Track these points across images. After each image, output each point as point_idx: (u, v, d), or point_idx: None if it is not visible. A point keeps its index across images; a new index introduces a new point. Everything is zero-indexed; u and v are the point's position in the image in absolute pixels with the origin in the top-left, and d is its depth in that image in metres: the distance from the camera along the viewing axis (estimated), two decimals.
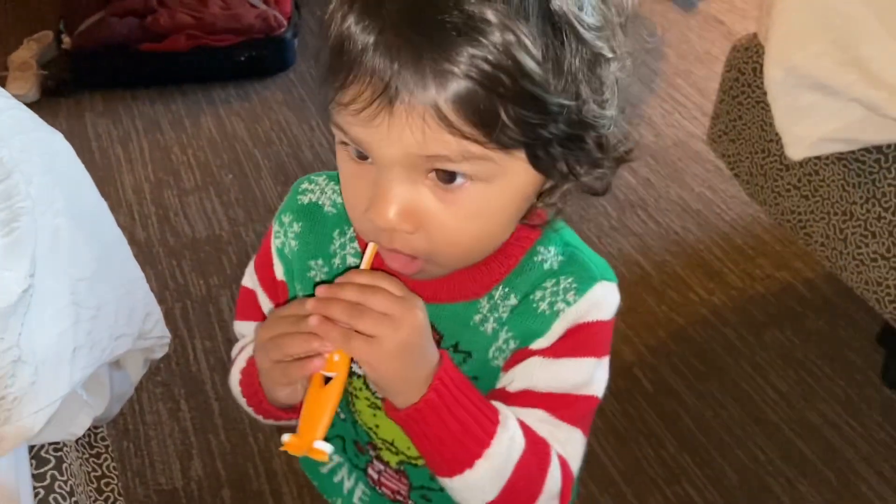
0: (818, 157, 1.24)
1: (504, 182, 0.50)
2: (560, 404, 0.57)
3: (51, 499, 0.78)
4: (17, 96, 0.91)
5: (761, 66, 1.20)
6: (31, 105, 0.95)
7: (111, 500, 0.91)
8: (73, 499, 0.80)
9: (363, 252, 0.58)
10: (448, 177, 0.49)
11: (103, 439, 0.96)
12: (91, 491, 0.90)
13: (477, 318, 0.58)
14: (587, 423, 0.59)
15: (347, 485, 0.72)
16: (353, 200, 0.53)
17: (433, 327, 0.56)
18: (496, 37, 0.45)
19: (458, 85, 0.45)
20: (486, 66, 0.45)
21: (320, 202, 0.63)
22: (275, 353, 0.53)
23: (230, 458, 1.29)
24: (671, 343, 1.45)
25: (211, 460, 1.29)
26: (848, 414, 1.33)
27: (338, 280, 0.53)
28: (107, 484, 0.91)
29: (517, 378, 0.57)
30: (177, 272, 1.64)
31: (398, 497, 0.68)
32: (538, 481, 0.55)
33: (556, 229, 0.58)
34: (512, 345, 0.57)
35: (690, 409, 1.34)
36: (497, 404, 0.55)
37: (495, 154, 0.48)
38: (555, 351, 0.56)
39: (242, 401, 0.63)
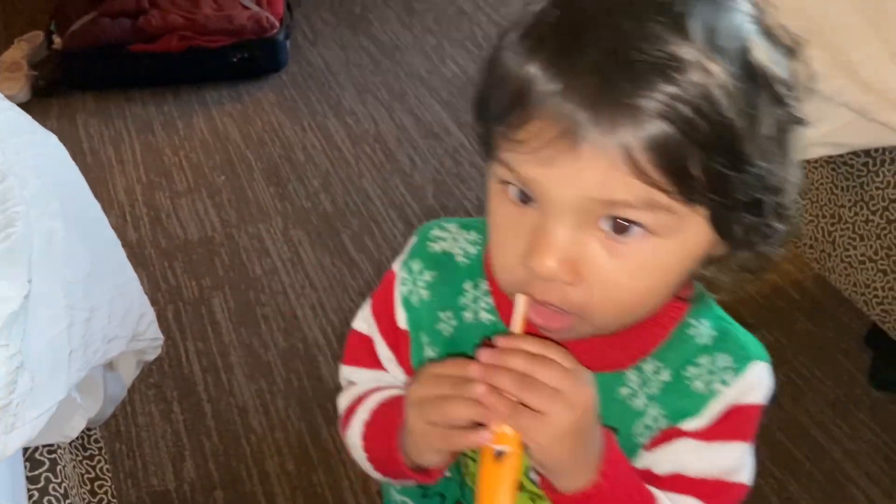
0: (807, 161, 1.25)
1: (679, 239, 0.46)
2: (712, 492, 0.54)
3: (45, 501, 0.78)
4: (7, 97, 0.91)
5: None
6: (21, 105, 0.95)
7: (104, 501, 0.92)
8: (68, 501, 0.80)
9: (497, 308, 0.55)
10: (623, 227, 0.46)
11: (97, 441, 0.96)
12: (85, 493, 0.90)
13: (624, 391, 0.54)
14: None
15: None
16: (505, 247, 0.49)
17: None
18: (694, 76, 0.43)
19: (653, 126, 0.43)
20: (683, 107, 0.43)
21: (453, 251, 0.59)
22: (434, 415, 0.50)
23: (223, 460, 1.30)
24: None
25: (203, 462, 1.29)
26: (836, 415, 1.34)
27: (502, 343, 0.49)
28: (100, 486, 0.91)
29: (666, 460, 0.54)
30: (169, 274, 1.64)
31: None
32: None
33: (708, 304, 0.54)
34: (661, 423, 0.54)
35: None
36: (653, 490, 0.53)
37: (679, 207, 0.45)
38: (708, 434, 0.53)
39: (362, 456, 0.60)
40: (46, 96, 2.11)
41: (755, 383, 0.54)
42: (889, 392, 1.36)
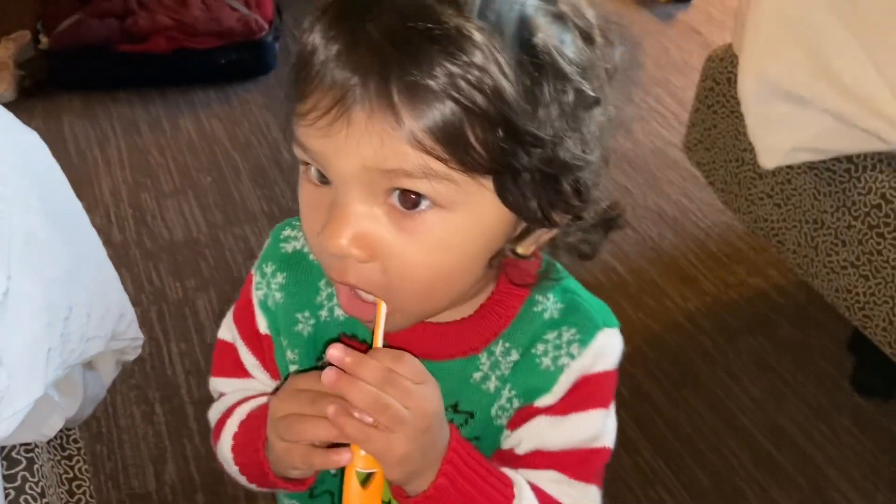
0: (790, 167, 1.26)
1: (468, 212, 0.47)
2: (572, 462, 0.55)
3: (21, 500, 0.77)
4: None
5: (736, 76, 1.22)
6: (7, 105, 0.94)
7: (83, 502, 0.91)
8: (45, 500, 0.79)
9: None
10: (409, 201, 0.46)
11: (75, 441, 0.95)
12: (62, 493, 0.89)
13: (477, 375, 0.55)
14: (601, 476, 0.57)
15: None
16: (310, 227, 0.49)
17: None
18: (477, 57, 0.43)
19: (421, 93, 0.43)
20: (460, 82, 0.43)
21: (305, 250, 0.59)
22: (290, 434, 0.49)
23: (204, 463, 1.29)
24: (647, 349, 1.46)
25: (185, 464, 1.28)
26: (819, 419, 1.35)
27: (352, 359, 0.47)
28: (78, 486, 0.90)
29: (525, 438, 0.55)
30: (153, 275, 1.63)
31: None
32: None
33: (556, 278, 0.55)
34: (515, 403, 0.55)
35: (665, 415, 1.35)
36: (509, 472, 0.54)
37: (459, 176, 0.45)
38: (562, 408, 0.54)
39: (234, 468, 0.60)
40: (32, 96, 2.10)
41: (603, 351, 0.54)
42: (871, 397, 1.37)
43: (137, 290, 1.59)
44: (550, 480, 0.55)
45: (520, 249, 0.51)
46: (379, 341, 0.49)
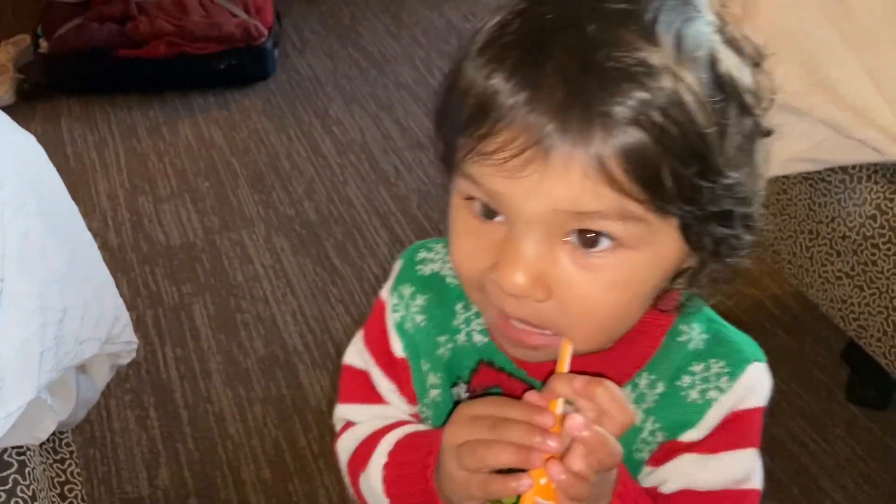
0: (786, 177, 1.26)
1: (651, 251, 0.46)
2: (724, 503, 0.53)
3: (12, 503, 0.77)
4: None
5: None
6: (6, 108, 0.95)
7: None
8: (36, 503, 0.79)
9: (489, 328, 0.53)
10: (592, 240, 0.44)
11: (68, 445, 0.95)
12: (54, 496, 0.89)
13: None
14: None
15: None
16: (470, 262, 0.47)
17: None
18: (665, 82, 0.42)
19: (624, 133, 0.42)
20: (655, 113, 0.42)
21: (442, 272, 0.58)
22: (471, 461, 0.47)
23: (198, 467, 1.28)
24: None
25: (178, 469, 1.28)
26: (813, 429, 1.35)
27: (548, 386, 0.47)
28: (70, 490, 0.90)
29: (671, 478, 0.53)
30: (149, 279, 1.63)
31: None
32: None
33: (698, 307, 0.53)
34: (659, 437, 0.53)
35: None
36: None
37: (651, 217, 0.44)
38: (711, 445, 0.52)
39: (384, 501, 0.57)
40: (32, 99, 2.11)
41: (753, 386, 0.53)
42: (866, 407, 1.37)
43: (133, 294, 1.59)
44: None
45: (682, 283, 0.50)
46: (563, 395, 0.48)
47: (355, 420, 0.62)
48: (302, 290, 1.59)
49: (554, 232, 0.45)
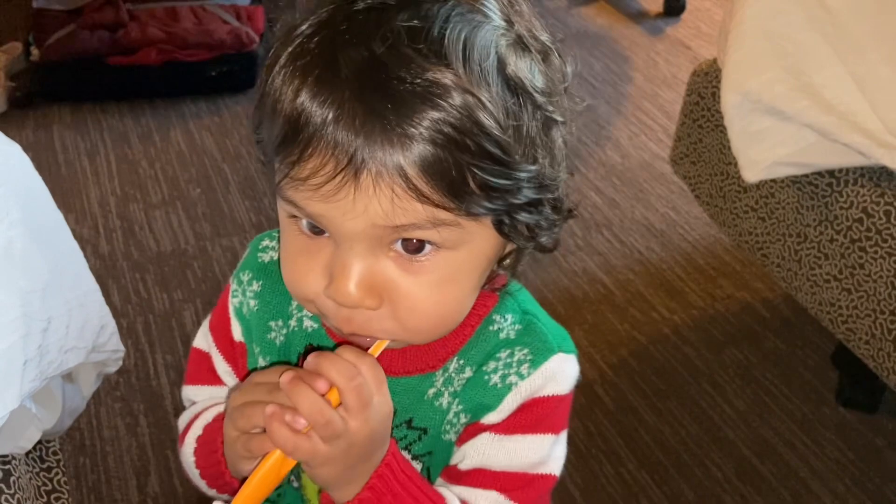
0: (774, 181, 1.27)
1: (469, 248, 0.49)
2: (515, 485, 0.55)
3: None
4: None
5: (720, 91, 1.23)
6: None
7: None
8: None
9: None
10: (415, 247, 0.47)
11: (55, 453, 0.95)
12: None
13: (431, 391, 0.56)
14: (545, 503, 0.57)
15: None
16: (303, 275, 0.50)
17: None
18: (456, 99, 0.44)
19: (423, 149, 0.44)
20: (448, 129, 0.44)
21: None
22: (241, 421, 0.51)
23: (188, 476, 1.28)
24: (632, 361, 1.46)
25: (168, 477, 1.28)
26: (803, 432, 1.35)
27: (325, 354, 0.49)
28: (57, 498, 0.90)
29: (469, 455, 0.55)
30: (140, 286, 1.63)
31: None
32: None
33: (511, 293, 0.56)
34: (462, 419, 0.55)
35: (650, 427, 1.35)
36: (444, 492, 0.54)
37: (464, 220, 0.47)
38: (508, 427, 0.54)
39: (195, 472, 0.61)
40: (23, 107, 2.11)
41: (555, 375, 0.54)
42: (855, 410, 1.37)
43: (124, 301, 1.58)
44: (491, 501, 0.54)
45: (506, 265, 0.54)
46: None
47: (196, 400, 0.64)
48: None
49: (377, 244, 0.47)
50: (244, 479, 0.52)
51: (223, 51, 2.11)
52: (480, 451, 0.55)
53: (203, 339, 0.64)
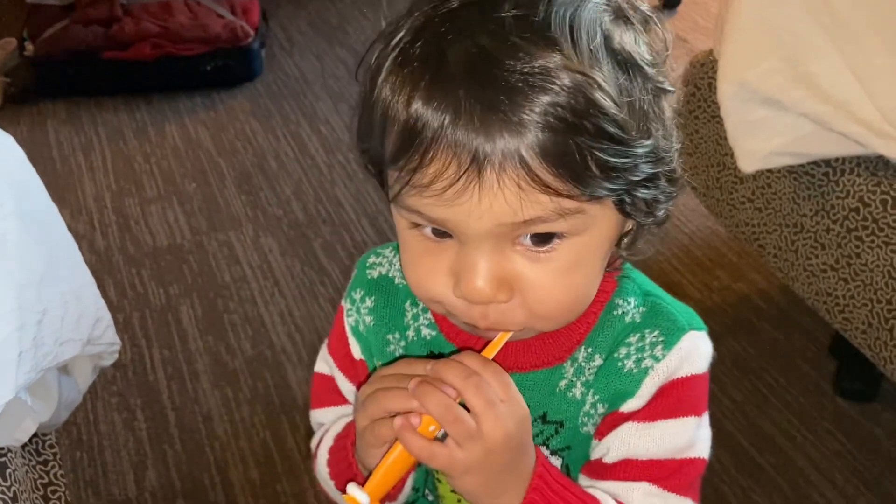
0: (770, 171, 1.27)
1: (594, 232, 0.48)
2: (665, 473, 0.53)
3: None
4: None
5: (716, 81, 1.22)
6: None
7: None
8: None
9: (437, 321, 0.56)
10: (542, 239, 0.47)
11: (51, 447, 0.95)
12: (37, 498, 0.88)
13: (563, 383, 0.55)
14: (696, 488, 0.55)
15: None
16: (429, 278, 0.50)
17: None
18: (568, 82, 0.44)
19: (542, 136, 0.44)
20: (563, 113, 0.44)
21: (390, 274, 0.60)
22: (372, 408, 0.50)
23: (185, 469, 1.28)
24: None
25: (166, 471, 1.28)
26: (801, 423, 1.35)
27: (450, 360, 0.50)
28: (53, 491, 0.90)
29: (613, 447, 0.54)
30: (136, 281, 1.62)
31: None
32: None
33: (629, 276, 0.55)
34: (600, 409, 0.54)
35: None
36: (597, 493, 0.53)
37: (588, 206, 0.46)
38: (650, 414, 0.53)
39: (330, 484, 0.60)
40: (18, 103, 2.10)
41: (689, 354, 0.53)
42: (853, 400, 1.37)
43: (120, 296, 1.58)
44: (644, 493, 0.53)
45: (627, 245, 0.53)
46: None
47: (324, 422, 0.64)
48: (290, 291, 1.59)
49: (504, 239, 0.47)
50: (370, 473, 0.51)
51: (218, 45, 2.10)
52: (626, 442, 0.53)
53: (324, 363, 0.64)
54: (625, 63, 0.47)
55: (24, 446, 0.89)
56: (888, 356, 1.15)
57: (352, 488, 0.49)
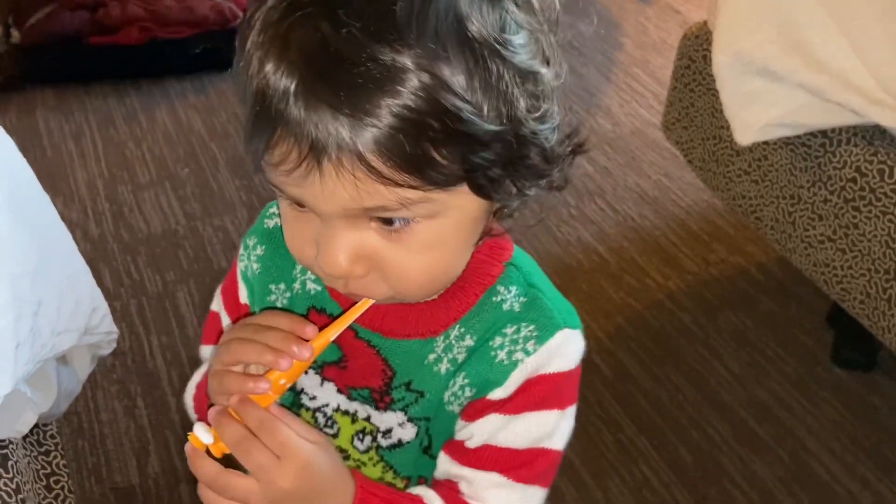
0: (766, 143, 1.26)
1: (450, 215, 0.48)
2: (518, 463, 0.55)
3: None
4: None
5: (711, 53, 1.21)
6: None
7: (61, 497, 0.90)
8: (20, 496, 0.78)
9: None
10: (391, 221, 0.48)
11: (53, 437, 0.95)
12: (40, 489, 0.88)
13: (431, 357, 0.56)
14: (548, 477, 0.57)
15: None
16: (299, 244, 0.52)
17: (387, 363, 0.56)
18: (413, 82, 0.43)
19: (379, 134, 0.44)
20: (401, 111, 0.43)
21: None
22: (225, 356, 0.52)
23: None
24: (629, 328, 1.46)
25: (168, 456, 1.28)
26: (799, 393, 1.36)
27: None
28: (56, 481, 0.90)
29: (476, 433, 0.55)
30: (132, 268, 1.62)
31: None
32: None
33: (517, 265, 0.56)
34: (468, 392, 0.55)
35: (647, 393, 1.36)
36: (419, 491, 0.56)
37: (435, 194, 0.46)
38: (515, 406, 0.54)
39: (194, 417, 0.63)
40: (5, 91, 2.08)
41: (560, 351, 0.54)
42: (851, 370, 1.38)
43: (116, 283, 1.57)
44: (492, 485, 0.55)
45: (501, 218, 0.54)
46: (340, 329, 0.53)
47: (206, 359, 0.66)
48: None
49: (359, 217, 0.48)
50: None
51: (206, 27, 2.08)
52: (487, 431, 0.55)
53: (216, 301, 0.66)
54: (479, 49, 0.45)
55: (25, 437, 0.89)
56: (886, 326, 1.16)
57: (198, 427, 0.51)
